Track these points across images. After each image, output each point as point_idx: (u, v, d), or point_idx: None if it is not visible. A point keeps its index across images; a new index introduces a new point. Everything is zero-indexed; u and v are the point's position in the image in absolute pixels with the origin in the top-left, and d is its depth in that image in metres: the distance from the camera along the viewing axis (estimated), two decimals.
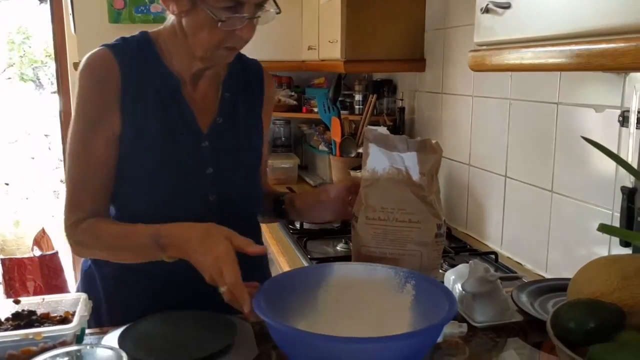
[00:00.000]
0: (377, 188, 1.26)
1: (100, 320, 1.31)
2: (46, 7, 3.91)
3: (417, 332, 0.96)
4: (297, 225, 2.23)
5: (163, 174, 1.23)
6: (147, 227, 1.14)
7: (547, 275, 1.69)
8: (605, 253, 1.45)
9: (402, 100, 2.72)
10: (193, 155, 1.26)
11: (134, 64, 1.22)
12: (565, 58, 0.94)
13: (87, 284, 1.35)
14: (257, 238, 1.45)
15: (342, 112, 2.88)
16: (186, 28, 1.19)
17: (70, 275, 3.81)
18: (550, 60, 0.99)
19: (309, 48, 2.86)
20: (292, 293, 1.07)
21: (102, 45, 1.24)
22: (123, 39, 1.26)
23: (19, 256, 3.58)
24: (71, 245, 1.24)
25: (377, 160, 1.27)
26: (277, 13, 1.20)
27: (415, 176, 1.25)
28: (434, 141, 1.28)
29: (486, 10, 1.15)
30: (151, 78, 1.24)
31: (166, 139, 1.23)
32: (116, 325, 1.17)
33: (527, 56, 1.05)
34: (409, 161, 1.25)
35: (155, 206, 1.23)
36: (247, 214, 1.37)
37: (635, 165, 1.35)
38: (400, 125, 2.66)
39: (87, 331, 1.09)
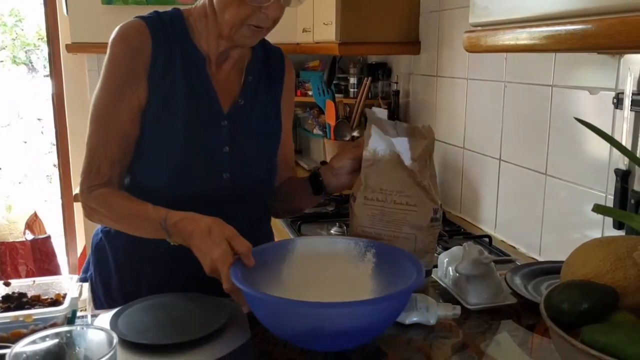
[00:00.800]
0: (377, 169, 1.26)
1: (110, 294, 1.34)
2: None
3: (391, 296, 1.00)
4: None
5: (182, 148, 1.25)
6: (156, 210, 1.16)
7: (541, 259, 1.69)
8: (598, 235, 1.45)
9: (397, 83, 2.70)
10: (212, 133, 1.28)
11: (165, 38, 1.25)
12: (560, 38, 0.93)
13: (98, 257, 1.38)
14: (265, 222, 1.47)
15: (336, 95, 2.86)
16: (215, 4, 1.22)
17: (63, 259, 3.80)
18: (546, 41, 0.98)
19: (304, 30, 2.83)
20: (260, 268, 1.09)
21: (136, 17, 1.27)
22: (157, 12, 1.29)
23: (11, 240, 3.56)
24: (84, 208, 1.26)
25: (378, 141, 1.27)
26: None
27: (407, 161, 1.25)
28: (423, 125, 1.28)
29: None
30: (179, 53, 1.26)
31: (189, 114, 1.25)
32: (127, 299, 1.18)
33: (522, 36, 1.04)
34: (400, 146, 1.26)
35: (170, 179, 1.25)
36: (258, 196, 1.38)
37: (629, 146, 1.34)
38: (395, 108, 2.65)
39: (79, 313, 1.08)
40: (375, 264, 1.14)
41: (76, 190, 2.74)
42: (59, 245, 3.82)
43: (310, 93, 3.01)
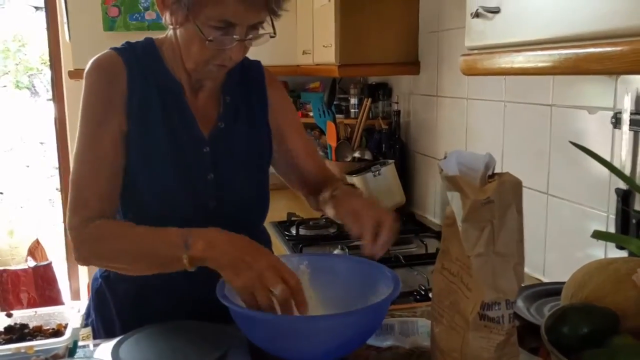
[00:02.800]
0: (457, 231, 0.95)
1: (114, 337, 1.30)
2: (41, 15, 3.92)
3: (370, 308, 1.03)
4: (293, 231, 2.23)
5: (165, 178, 1.23)
6: (173, 228, 1.10)
7: (545, 279, 1.68)
8: (601, 255, 1.44)
9: (397, 103, 2.72)
10: (195, 161, 1.26)
11: (140, 68, 1.24)
12: (554, 62, 0.94)
13: (98, 303, 1.34)
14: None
15: (337, 116, 2.88)
16: (179, 39, 1.20)
17: (65, 286, 3.80)
18: (540, 64, 0.99)
19: (304, 52, 2.86)
20: None
21: (109, 49, 1.25)
22: (129, 43, 1.27)
23: (13, 267, 3.56)
24: (77, 249, 1.16)
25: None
26: (272, 37, 1.18)
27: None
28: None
29: (476, 14, 1.15)
30: (155, 82, 1.25)
31: (169, 143, 1.23)
32: None
33: (518, 60, 1.05)
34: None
35: (155, 209, 1.23)
36: (248, 222, 1.34)
37: (629, 165, 1.35)
38: (395, 128, 2.66)
39: (80, 343, 1.08)
40: (310, 275, 1.15)
41: None
42: (60, 271, 3.83)
43: (311, 114, 3.02)
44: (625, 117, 1.33)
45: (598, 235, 0.87)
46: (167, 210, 1.23)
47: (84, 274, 3.44)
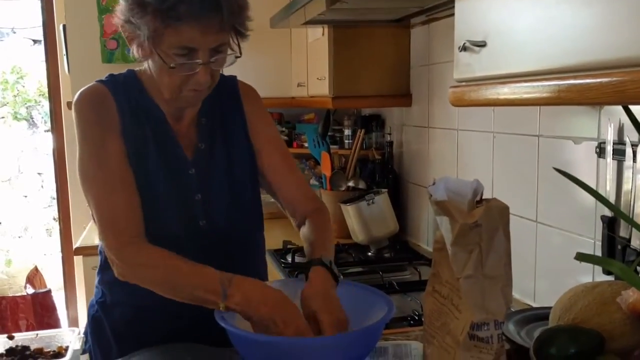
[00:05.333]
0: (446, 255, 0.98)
1: None
2: (40, 48, 3.97)
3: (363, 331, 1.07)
4: (289, 259, 2.25)
5: (157, 198, 1.26)
6: (218, 272, 1.13)
7: (536, 304, 1.71)
8: (589, 280, 1.47)
9: (390, 134, 2.77)
10: (182, 182, 1.29)
11: (125, 97, 1.27)
12: (538, 93, 0.99)
13: (95, 329, 1.36)
14: (255, 261, 1.42)
15: (332, 146, 2.92)
16: (152, 71, 1.24)
17: (63, 313, 3.79)
18: (525, 96, 1.03)
19: (299, 85, 2.91)
20: None
21: (94, 82, 1.29)
22: (111, 75, 1.31)
23: (10, 294, 3.56)
24: (120, 267, 1.19)
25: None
26: (237, 57, 1.21)
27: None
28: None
29: (464, 48, 1.20)
30: (141, 111, 1.28)
31: (159, 167, 1.26)
32: None
33: (503, 92, 1.10)
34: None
35: (149, 229, 1.24)
36: (240, 238, 1.36)
37: (613, 193, 1.39)
38: (388, 158, 2.71)
39: None
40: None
41: (77, 244, 2.76)
42: (59, 299, 3.81)
43: (306, 145, 3.07)
44: (609, 148, 1.38)
45: (581, 257, 0.91)
46: (160, 229, 1.25)
47: (82, 301, 3.43)
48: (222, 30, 1.16)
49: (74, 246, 2.78)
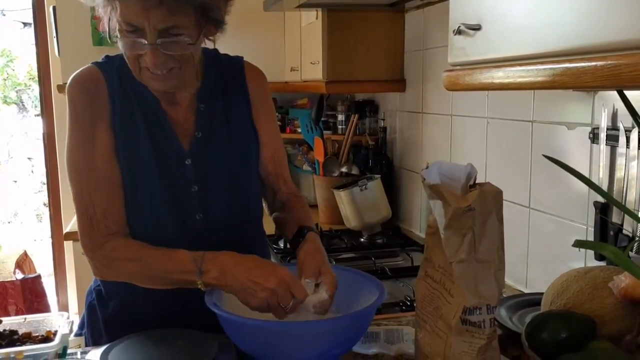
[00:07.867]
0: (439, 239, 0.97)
1: None
2: (30, 31, 3.93)
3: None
4: (281, 244, 2.24)
5: (150, 192, 1.23)
6: (189, 251, 1.13)
7: (528, 290, 1.71)
8: (582, 266, 1.48)
9: (383, 120, 2.76)
10: (178, 174, 1.25)
11: (119, 81, 1.24)
12: (532, 77, 0.98)
13: (90, 316, 1.35)
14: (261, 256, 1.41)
15: (325, 132, 2.91)
16: None
17: (53, 298, 3.78)
18: (519, 80, 1.02)
19: (292, 69, 2.89)
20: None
21: (90, 63, 1.26)
22: (108, 57, 1.28)
23: (0, 280, 3.54)
24: (95, 266, 1.20)
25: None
26: (190, 44, 1.14)
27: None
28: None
29: (458, 32, 1.19)
30: (134, 96, 1.25)
31: (153, 157, 1.23)
32: None
33: (498, 75, 1.09)
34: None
35: (143, 224, 1.23)
36: (238, 234, 1.32)
37: (606, 179, 1.39)
38: (382, 144, 2.70)
39: (69, 350, 1.09)
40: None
41: (67, 229, 2.75)
42: (49, 284, 3.80)
43: (299, 130, 3.05)
44: (602, 134, 1.38)
45: (579, 244, 0.90)
46: (154, 223, 1.23)
47: (72, 287, 3.42)
48: (171, 11, 1.09)
49: (64, 231, 2.76)
